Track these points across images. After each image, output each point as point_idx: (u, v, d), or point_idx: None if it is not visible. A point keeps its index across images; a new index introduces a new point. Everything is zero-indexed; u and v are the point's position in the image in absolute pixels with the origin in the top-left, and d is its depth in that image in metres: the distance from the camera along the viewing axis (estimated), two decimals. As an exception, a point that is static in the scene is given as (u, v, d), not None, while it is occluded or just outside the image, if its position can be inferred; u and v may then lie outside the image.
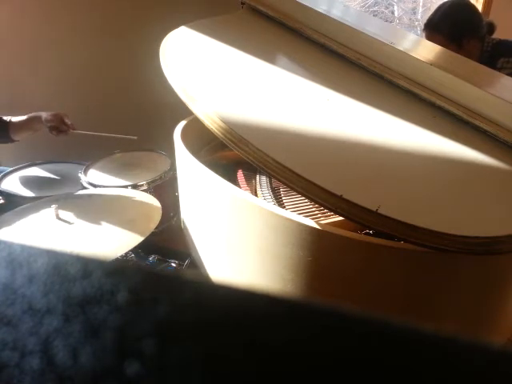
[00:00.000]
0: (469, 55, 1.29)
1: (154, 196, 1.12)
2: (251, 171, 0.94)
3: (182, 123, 0.99)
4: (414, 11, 3.72)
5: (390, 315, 0.15)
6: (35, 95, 1.74)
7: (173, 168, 1.37)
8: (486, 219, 0.57)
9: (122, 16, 1.70)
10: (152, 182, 1.32)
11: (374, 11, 3.54)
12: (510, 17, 1.83)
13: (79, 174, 1.37)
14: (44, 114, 1.35)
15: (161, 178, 1.35)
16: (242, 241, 0.71)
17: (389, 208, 0.53)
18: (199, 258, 0.90)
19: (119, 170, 1.43)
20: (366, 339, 0.15)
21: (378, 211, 0.52)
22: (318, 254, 0.61)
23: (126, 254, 1.13)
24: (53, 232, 0.92)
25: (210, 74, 0.79)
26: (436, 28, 1.32)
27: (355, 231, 0.63)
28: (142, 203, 1.06)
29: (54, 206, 0.95)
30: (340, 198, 0.54)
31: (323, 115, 0.72)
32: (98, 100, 1.78)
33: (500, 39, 1.33)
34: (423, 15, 3.53)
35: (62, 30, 1.68)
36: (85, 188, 1.28)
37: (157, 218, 0.98)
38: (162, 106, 1.46)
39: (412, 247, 0.54)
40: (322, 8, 0.98)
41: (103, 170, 1.43)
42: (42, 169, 1.49)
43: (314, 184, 0.55)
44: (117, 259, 0.97)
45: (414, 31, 3.54)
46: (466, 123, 0.76)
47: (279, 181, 0.60)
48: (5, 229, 0.93)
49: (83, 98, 1.78)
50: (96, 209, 1.03)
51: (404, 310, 0.63)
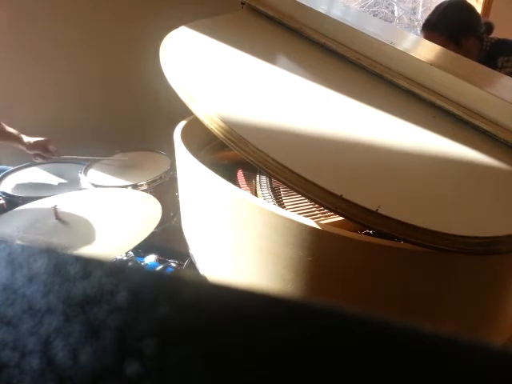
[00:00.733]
0: (467, 54, 1.29)
1: (154, 196, 1.12)
2: (251, 171, 0.94)
3: (182, 123, 0.99)
4: (413, 11, 3.72)
5: (389, 315, 0.15)
6: (35, 95, 1.74)
7: (173, 168, 1.37)
8: (486, 219, 0.57)
9: (122, 16, 1.71)
10: (152, 181, 1.32)
11: (374, 11, 3.54)
12: (510, 17, 1.83)
13: (79, 174, 1.37)
14: (26, 141, 1.31)
15: (161, 177, 1.35)
16: (241, 241, 0.71)
17: (389, 208, 0.53)
18: (199, 258, 0.90)
19: (119, 170, 1.44)
20: (366, 339, 0.15)
21: (378, 211, 0.52)
22: (318, 254, 0.61)
23: (126, 253, 1.13)
24: (53, 232, 0.92)
25: (209, 73, 0.79)
26: (434, 28, 1.32)
27: (355, 231, 0.63)
28: (142, 203, 1.06)
29: (53, 206, 0.95)
30: (340, 197, 0.54)
31: (323, 115, 0.72)
32: (97, 100, 1.78)
33: (498, 38, 1.33)
34: (423, 15, 3.53)
35: (62, 31, 1.68)
36: (85, 188, 1.28)
37: (157, 218, 0.98)
38: (162, 106, 1.46)
39: (412, 247, 0.54)
40: (321, 8, 0.98)
41: (103, 170, 1.43)
42: (42, 169, 1.49)
43: (314, 184, 0.55)
44: (117, 259, 0.97)
45: (413, 31, 3.54)
46: (466, 123, 0.76)
47: (279, 181, 0.59)
48: (5, 229, 0.93)
49: (83, 98, 1.78)
50: (96, 209, 1.03)
51: (404, 310, 0.63)
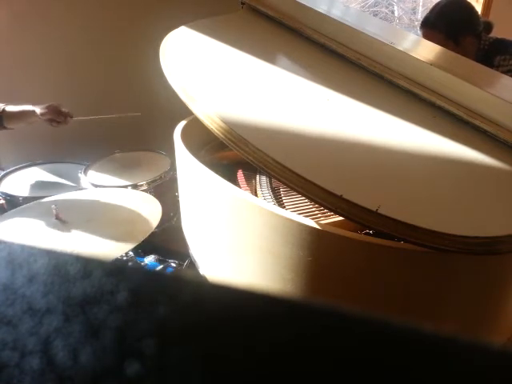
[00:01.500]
0: (465, 52, 1.29)
1: (154, 196, 1.12)
2: (251, 171, 0.94)
3: (182, 123, 0.99)
4: (413, 11, 3.72)
5: (389, 315, 0.15)
6: (35, 95, 1.74)
7: (173, 168, 1.37)
8: (486, 219, 0.57)
9: (122, 16, 1.70)
10: (152, 181, 1.32)
11: (374, 11, 3.54)
12: (510, 17, 1.83)
13: (79, 174, 1.37)
14: (38, 109, 1.33)
15: (161, 177, 1.35)
16: (242, 241, 0.71)
17: (389, 208, 0.53)
18: (199, 258, 0.90)
19: (119, 169, 1.44)
20: (365, 339, 0.15)
21: (378, 211, 0.52)
22: (318, 253, 0.61)
23: (126, 253, 1.13)
24: (53, 232, 0.92)
25: (209, 73, 0.79)
26: (433, 26, 1.32)
27: (355, 231, 0.63)
28: (142, 203, 1.06)
29: (53, 206, 0.96)
30: (340, 198, 0.54)
31: (323, 115, 0.72)
32: (98, 100, 1.78)
33: (497, 37, 1.33)
34: (423, 15, 3.53)
35: (62, 31, 1.68)
36: (85, 188, 1.28)
37: (157, 218, 0.98)
38: (162, 106, 1.46)
39: (412, 247, 0.54)
40: (321, 8, 0.98)
41: (103, 170, 1.43)
42: (42, 169, 1.49)
43: (314, 184, 0.55)
44: (117, 259, 0.97)
45: (413, 31, 3.54)
46: (466, 123, 0.76)
47: (279, 181, 0.59)
48: (5, 229, 0.93)
49: (83, 98, 1.77)
50: (96, 209, 1.03)
51: (404, 309, 0.63)
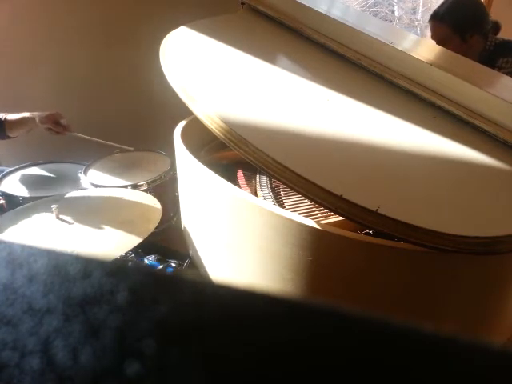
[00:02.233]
0: (470, 50, 1.29)
1: (154, 196, 1.12)
2: (251, 171, 0.94)
3: (182, 123, 0.99)
4: (414, 11, 3.73)
5: (390, 315, 0.15)
6: (35, 95, 1.74)
7: (173, 168, 1.37)
8: (486, 219, 0.57)
9: (122, 16, 1.70)
10: (152, 182, 1.32)
11: (374, 11, 3.55)
12: (510, 17, 1.83)
13: (79, 174, 1.37)
14: (38, 116, 1.33)
15: (161, 177, 1.34)
16: (242, 241, 0.71)
17: (389, 208, 0.53)
18: (199, 257, 0.90)
19: (119, 170, 1.44)
20: (365, 339, 0.15)
21: (378, 211, 0.52)
22: (318, 253, 0.61)
23: (126, 253, 1.13)
24: (53, 232, 0.92)
25: (209, 73, 0.79)
26: (441, 19, 1.32)
27: (355, 231, 0.63)
28: (142, 203, 1.06)
29: (53, 206, 0.95)
30: (340, 198, 0.54)
31: (323, 115, 0.72)
32: (98, 100, 1.78)
33: (503, 39, 1.32)
34: (423, 15, 3.53)
35: (62, 31, 1.68)
36: (85, 188, 1.28)
37: (157, 218, 0.98)
38: (161, 106, 1.46)
39: (412, 247, 0.54)
40: (322, 8, 0.98)
41: (103, 170, 1.43)
42: (42, 169, 1.49)
43: (314, 184, 0.55)
44: (117, 259, 0.97)
45: (414, 31, 3.54)
46: (466, 123, 0.76)
47: (279, 181, 0.59)
48: (5, 229, 0.93)
49: (83, 98, 1.78)
50: (96, 209, 1.03)
51: (404, 309, 0.63)
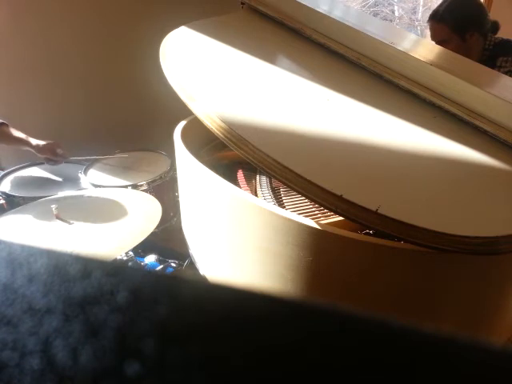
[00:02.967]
0: (470, 50, 1.29)
1: (154, 196, 1.12)
2: (251, 171, 0.94)
3: (182, 123, 0.99)
4: (414, 11, 3.73)
5: (390, 315, 0.15)
6: (34, 95, 1.74)
7: (173, 168, 1.37)
8: (486, 219, 0.57)
9: (122, 16, 1.70)
10: (152, 182, 1.32)
11: (375, 11, 3.55)
12: (510, 17, 1.83)
13: (79, 174, 1.37)
14: (35, 145, 1.32)
15: (161, 178, 1.35)
16: (241, 241, 0.71)
17: (389, 208, 0.53)
18: (199, 258, 0.90)
19: (119, 170, 1.44)
20: (365, 339, 0.15)
21: (378, 211, 0.52)
22: (318, 253, 0.61)
23: (126, 253, 1.13)
24: (53, 232, 0.92)
25: (209, 73, 0.79)
26: (441, 19, 1.32)
27: (355, 231, 0.63)
28: (141, 203, 1.06)
29: (53, 206, 0.96)
30: (340, 197, 0.54)
31: (323, 115, 0.72)
32: (97, 100, 1.78)
33: (502, 38, 1.33)
34: (423, 15, 3.54)
35: (62, 31, 1.68)
36: (85, 188, 1.28)
37: (157, 218, 0.98)
38: (161, 106, 1.46)
39: (412, 247, 0.54)
40: (322, 8, 0.98)
41: (103, 170, 1.43)
42: (42, 169, 1.49)
43: (314, 184, 0.55)
44: (117, 259, 0.97)
45: (414, 31, 3.54)
46: (466, 123, 0.76)
47: (279, 181, 0.59)
48: (5, 229, 0.93)
49: (83, 98, 1.78)
50: (96, 209, 1.03)
51: (404, 309, 0.63)
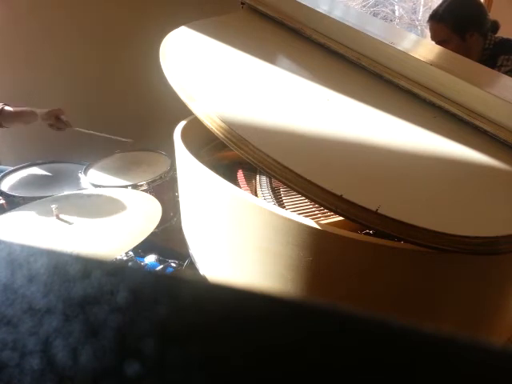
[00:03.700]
0: (470, 49, 1.29)
1: (154, 196, 1.12)
2: (251, 171, 0.94)
3: (182, 123, 0.99)
4: (414, 10, 3.73)
5: (390, 315, 0.15)
6: (34, 96, 1.74)
7: (173, 168, 1.37)
8: (486, 219, 0.57)
9: (122, 16, 1.70)
10: (152, 182, 1.32)
11: (375, 11, 3.55)
12: (510, 17, 1.83)
13: (79, 174, 1.37)
14: (39, 112, 1.34)
15: (161, 177, 1.35)
16: (241, 241, 0.71)
17: (389, 208, 0.53)
18: (199, 258, 0.90)
19: (119, 170, 1.44)
20: (365, 339, 0.15)
21: (378, 211, 0.52)
22: (318, 253, 0.61)
23: (126, 253, 1.13)
24: (53, 232, 0.92)
25: (209, 73, 0.79)
26: (440, 19, 1.32)
27: (355, 231, 0.63)
28: (142, 203, 1.06)
29: (53, 206, 0.95)
30: (340, 197, 0.54)
31: (323, 115, 0.72)
32: (98, 100, 1.78)
33: (502, 38, 1.33)
34: (424, 15, 3.54)
35: (62, 31, 1.68)
36: (85, 188, 1.28)
37: (157, 218, 0.98)
38: (162, 106, 1.46)
39: (412, 247, 0.54)
40: (322, 8, 0.98)
41: (103, 170, 1.43)
42: (42, 169, 1.49)
43: (314, 184, 0.55)
44: (117, 259, 0.97)
45: (414, 31, 3.54)
46: (466, 123, 0.76)
47: (279, 181, 0.59)
48: (5, 229, 0.93)
49: (83, 98, 1.78)
50: (96, 209, 1.03)
51: (404, 309, 0.63)
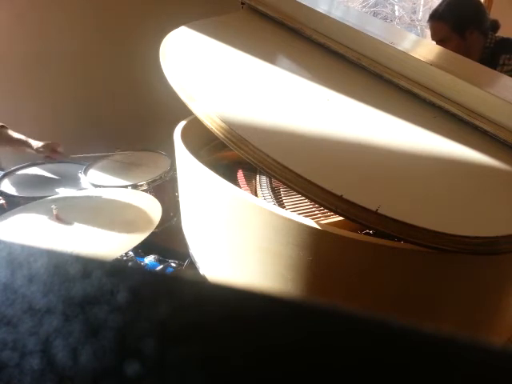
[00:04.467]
0: (470, 48, 1.29)
1: (154, 196, 1.12)
2: (251, 171, 0.94)
3: (182, 123, 0.99)
4: (414, 10, 3.73)
5: (390, 315, 0.15)
6: (34, 95, 1.74)
7: (173, 168, 1.37)
8: (486, 219, 0.57)
9: (122, 16, 1.70)
10: (152, 182, 1.32)
11: (375, 11, 3.55)
12: (510, 17, 1.83)
13: (79, 174, 1.37)
14: (35, 145, 1.33)
15: (161, 177, 1.35)
16: (241, 241, 0.71)
17: (389, 208, 0.53)
18: (199, 258, 0.90)
19: (119, 170, 1.44)
20: (365, 339, 0.15)
21: (378, 211, 0.52)
22: (319, 253, 0.61)
23: (126, 253, 1.13)
24: (53, 232, 0.92)
25: (209, 73, 0.79)
26: (440, 18, 1.32)
27: (355, 231, 0.63)
28: (141, 203, 1.06)
29: (53, 206, 0.96)
30: (340, 197, 0.54)
31: (323, 115, 0.72)
32: (97, 100, 1.78)
33: (503, 37, 1.33)
34: (424, 15, 3.54)
35: (62, 31, 1.68)
36: (85, 188, 1.28)
37: (157, 218, 0.98)
38: (162, 106, 1.46)
39: (412, 247, 0.54)
40: (322, 8, 0.98)
41: (103, 170, 1.43)
42: (42, 169, 1.49)
43: (314, 184, 0.55)
44: (117, 259, 0.97)
45: (414, 31, 3.54)
46: (466, 123, 0.76)
47: (279, 181, 0.59)
48: (5, 229, 0.93)
49: (83, 98, 1.78)
50: (96, 209, 1.03)
51: (404, 309, 0.63)
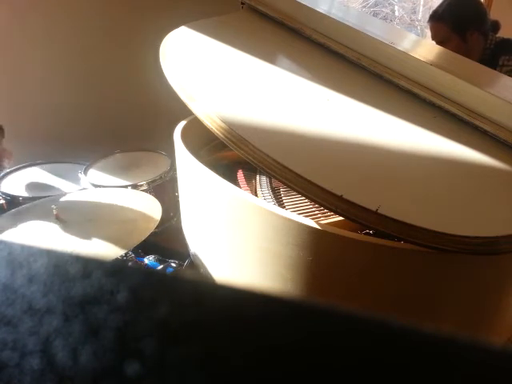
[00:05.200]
0: (471, 49, 1.29)
1: (154, 196, 1.12)
2: (251, 171, 0.94)
3: (182, 123, 0.99)
4: (414, 11, 3.73)
5: (390, 315, 0.15)
6: (34, 95, 1.74)
7: (173, 168, 1.37)
8: (486, 219, 0.57)
9: (122, 16, 1.70)
10: (152, 181, 1.32)
11: (375, 11, 3.55)
12: (510, 17, 1.83)
13: (79, 174, 1.37)
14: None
15: (161, 177, 1.35)
16: (241, 241, 0.71)
17: (389, 208, 0.53)
18: (199, 257, 0.90)
19: (119, 170, 1.44)
20: (365, 339, 0.15)
21: (378, 211, 0.52)
22: (318, 253, 0.61)
23: (126, 253, 1.13)
24: (53, 232, 0.92)
25: (209, 73, 0.79)
26: (440, 18, 1.32)
27: (355, 231, 0.63)
28: (141, 203, 1.06)
29: (53, 206, 0.95)
30: (340, 197, 0.54)
31: (323, 115, 0.72)
32: (98, 100, 1.78)
33: (503, 38, 1.33)
34: (424, 15, 3.54)
35: (62, 31, 1.68)
36: (85, 188, 1.28)
37: (157, 217, 0.98)
38: (162, 106, 1.46)
39: (412, 247, 0.54)
40: (321, 8, 0.98)
41: (103, 169, 1.43)
42: (42, 169, 1.49)
43: (314, 184, 0.55)
44: (117, 259, 0.97)
45: (414, 31, 3.54)
46: (466, 123, 0.76)
47: (279, 181, 0.59)
48: (5, 229, 0.93)
49: (83, 98, 1.78)
50: (96, 209, 1.03)
51: (404, 309, 0.63)
